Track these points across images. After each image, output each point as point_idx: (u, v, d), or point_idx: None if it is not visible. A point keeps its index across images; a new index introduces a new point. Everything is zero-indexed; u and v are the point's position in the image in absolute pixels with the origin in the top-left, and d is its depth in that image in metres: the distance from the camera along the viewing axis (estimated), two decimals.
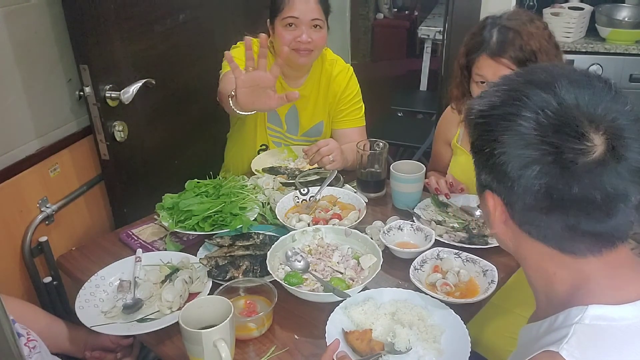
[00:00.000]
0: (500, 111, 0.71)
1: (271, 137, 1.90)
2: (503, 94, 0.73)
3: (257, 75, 1.33)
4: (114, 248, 1.45)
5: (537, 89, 0.69)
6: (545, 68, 0.74)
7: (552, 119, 0.66)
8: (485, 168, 0.74)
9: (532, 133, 0.67)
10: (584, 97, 0.67)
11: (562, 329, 0.70)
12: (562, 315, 0.72)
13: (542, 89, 0.69)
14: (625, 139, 0.66)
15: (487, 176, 0.74)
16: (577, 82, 0.69)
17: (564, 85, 0.68)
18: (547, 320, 0.75)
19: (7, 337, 0.50)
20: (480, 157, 0.75)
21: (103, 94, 1.56)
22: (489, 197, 0.76)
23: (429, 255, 1.32)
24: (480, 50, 1.44)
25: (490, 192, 0.75)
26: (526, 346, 0.76)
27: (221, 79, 1.68)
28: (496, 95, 0.73)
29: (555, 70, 0.72)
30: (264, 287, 1.19)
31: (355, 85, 1.90)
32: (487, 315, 1.42)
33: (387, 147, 1.63)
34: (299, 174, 1.70)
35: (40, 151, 1.54)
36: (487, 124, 0.72)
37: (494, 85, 0.76)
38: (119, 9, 1.57)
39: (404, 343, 1.05)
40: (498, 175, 0.71)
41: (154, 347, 1.14)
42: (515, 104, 0.69)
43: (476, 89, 1.50)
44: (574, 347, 0.66)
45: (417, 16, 5.62)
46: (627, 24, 2.75)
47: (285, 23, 1.65)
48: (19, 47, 1.44)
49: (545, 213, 0.69)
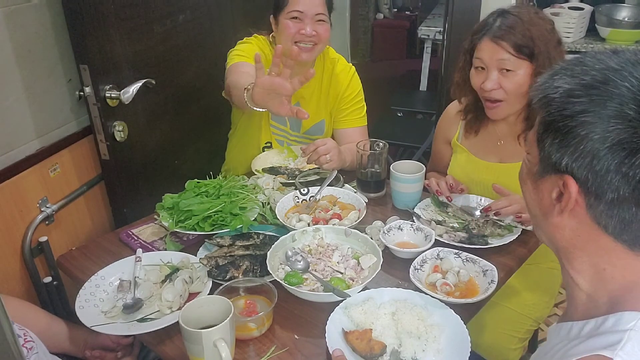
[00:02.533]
0: (600, 89, 0.65)
1: (275, 135, 1.90)
2: (598, 70, 0.67)
3: (278, 81, 1.32)
4: (114, 248, 1.45)
5: (632, 66, 0.65)
6: (627, 49, 0.69)
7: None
8: (569, 150, 0.67)
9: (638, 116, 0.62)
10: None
11: (614, 334, 0.66)
12: (612, 318, 0.69)
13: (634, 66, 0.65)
14: None
15: (569, 160, 0.67)
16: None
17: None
18: (591, 322, 0.71)
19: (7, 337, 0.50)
20: (563, 138, 0.68)
21: (103, 94, 1.56)
22: (552, 182, 0.70)
23: (429, 255, 1.32)
24: (482, 33, 1.47)
25: (559, 177, 0.69)
26: (563, 345, 0.72)
27: (229, 71, 1.68)
28: (587, 72, 0.67)
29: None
30: (264, 287, 1.19)
31: (357, 84, 1.90)
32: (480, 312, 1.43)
33: (387, 147, 1.63)
34: (299, 174, 1.70)
35: (40, 151, 1.54)
36: (581, 102, 0.66)
37: (578, 64, 0.69)
38: (118, 9, 1.57)
39: (410, 354, 1.05)
40: (589, 162, 0.65)
41: (154, 347, 1.14)
42: (614, 81, 0.64)
43: (475, 74, 1.52)
44: (629, 355, 0.63)
45: (417, 16, 5.63)
46: (627, 24, 2.75)
47: (290, 17, 1.67)
48: (19, 47, 1.44)
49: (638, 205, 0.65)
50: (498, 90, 1.47)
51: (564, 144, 0.68)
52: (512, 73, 1.44)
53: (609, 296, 0.72)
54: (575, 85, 0.67)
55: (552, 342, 0.78)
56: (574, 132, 0.66)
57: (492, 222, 1.42)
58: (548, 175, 0.72)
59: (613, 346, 0.65)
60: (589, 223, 0.70)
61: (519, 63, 1.43)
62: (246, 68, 1.64)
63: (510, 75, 1.44)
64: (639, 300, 0.69)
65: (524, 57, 1.42)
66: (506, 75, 1.45)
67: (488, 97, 1.50)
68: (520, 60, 1.43)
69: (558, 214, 0.72)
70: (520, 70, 1.44)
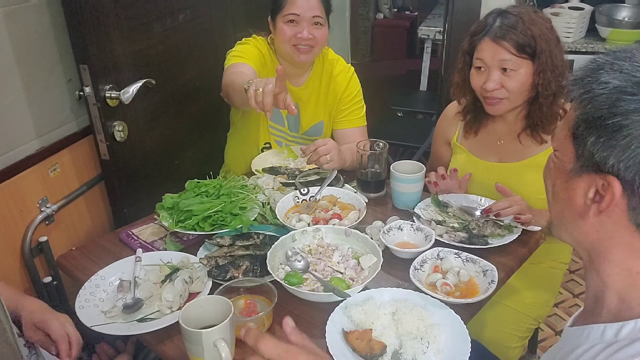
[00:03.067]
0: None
1: (273, 136, 1.90)
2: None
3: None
4: (114, 248, 1.45)
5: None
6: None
7: None
8: (616, 150, 0.64)
9: None
10: None
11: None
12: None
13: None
14: None
15: (615, 160, 0.64)
16: None
17: None
18: (629, 324, 0.69)
19: (7, 337, 0.50)
20: (611, 137, 0.65)
21: (103, 94, 1.56)
22: (589, 182, 0.68)
23: (429, 255, 1.32)
24: (482, 34, 1.47)
25: (601, 177, 0.67)
26: (602, 349, 0.69)
27: (226, 72, 1.69)
28: (639, 69, 0.65)
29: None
30: (264, 287, 1.19)
31: (356, 85, 1.90)
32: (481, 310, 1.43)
33: (387, 147, 1.63)
34: (299, 174, 1.70)
35: (40, 151, 1.54)
36: (634, 100, 0.63)
37: (626, 59, 0.67)
38: (118, 9, 1.57)
39: (411, 355, 1.05)
40: (639, 164, 0.63)
41: (154, 347, 1.14)
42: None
43: (475, 74, 1.52)
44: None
45: (417, 16, 5.63)
46: (627, 24, 2.75)
47: (286, 20, 1.67)
48: (19, 47, 1.44)
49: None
50: (500, 90, 1.47)
51: (610, 144, 0.65)
52: (513, 72, 1.44)
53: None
54: (627, 82, 0.65)
55: (577, 344, 0.74)
56: (624, 131, 0.63)
57: (492, 222, 1.42)
58: (586, 174, 0.69)
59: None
60: (626, 225, 0.69)
61: (520, 62, 1.43)
62: (242, 68, 1.64)
63: (512, 74, 1.44)
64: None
65: (526, 57, 1.42)
66: (508, 74, 1.45)
67: (489, 96, 1.50)
68: (522, 60, 1.43)
69: (595, 214, 0.70)
70: (521, 70, 1.44)
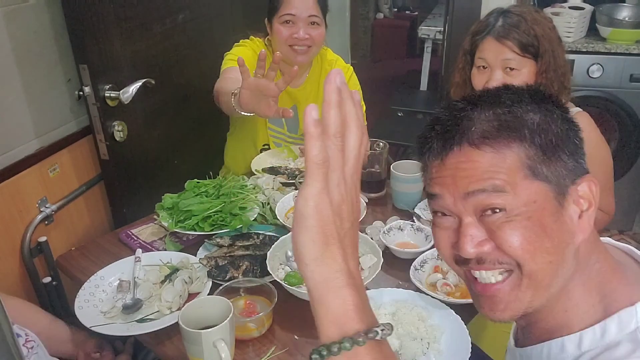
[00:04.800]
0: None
1: (272, 138, 1.90)
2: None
3: (263, 83, 1.33)
4: (113, 248, 1.44)
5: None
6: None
7: None
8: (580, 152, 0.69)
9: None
10: None
11: (628, 342, 0.62)
12: (611, 322, 0.64)
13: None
14: None
15: (584, 160, 0.70)
16: None
17: None
18: (588, 332, 0.66)
19: (7, 337, 0.50)
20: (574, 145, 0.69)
21: (102, 93, 1.56)
22: (570, 199, 0.67)
23: (429, 256, 1.31)
24: (485, 33, 1.46)
25: (576, 186, 0.68)
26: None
27: (219, 78, 1.68)
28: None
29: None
30: (264, 287, 1.18)
31: (355, 85, 1.90)
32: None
33: (387, 147, 1.62)
34: (299, 174, 1.69)
35: (39, 151, 1.54)
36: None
37: (474, 103, 0.71)
38: (118, 9, 1.57)
39: (411, 356, 1.04)
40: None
41: (153, 348, 1.14)
42: None
43: (477, 74, 1.51)
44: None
45: (417, 16, 5.62)
46: (628, 23, 2.74)
47: (282, 20, 1.66)
48: (19, 47, 1.44)
49: None
50: None
51: (577, 150, 0.69)
52: (516, 72, 1.43)
53: (599, 293, 0.67)
54: (521, 103, 0.70)
55: (570, 354, 0.68)
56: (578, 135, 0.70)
57: None
58: (568, 194, 0.67)
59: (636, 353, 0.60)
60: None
61: (523, 62, 1.42)
62: (234, 74, 1.63)
63: (515, 74, 1.44)
64: (624, 283, 0.67)
65: (529, 57, 1.42)
66: (510, 74, 1.44)
67: None
68: (525, 60, 1.42)
69: (587, 225, 0.67)
70: (524, 70, 1.43)
